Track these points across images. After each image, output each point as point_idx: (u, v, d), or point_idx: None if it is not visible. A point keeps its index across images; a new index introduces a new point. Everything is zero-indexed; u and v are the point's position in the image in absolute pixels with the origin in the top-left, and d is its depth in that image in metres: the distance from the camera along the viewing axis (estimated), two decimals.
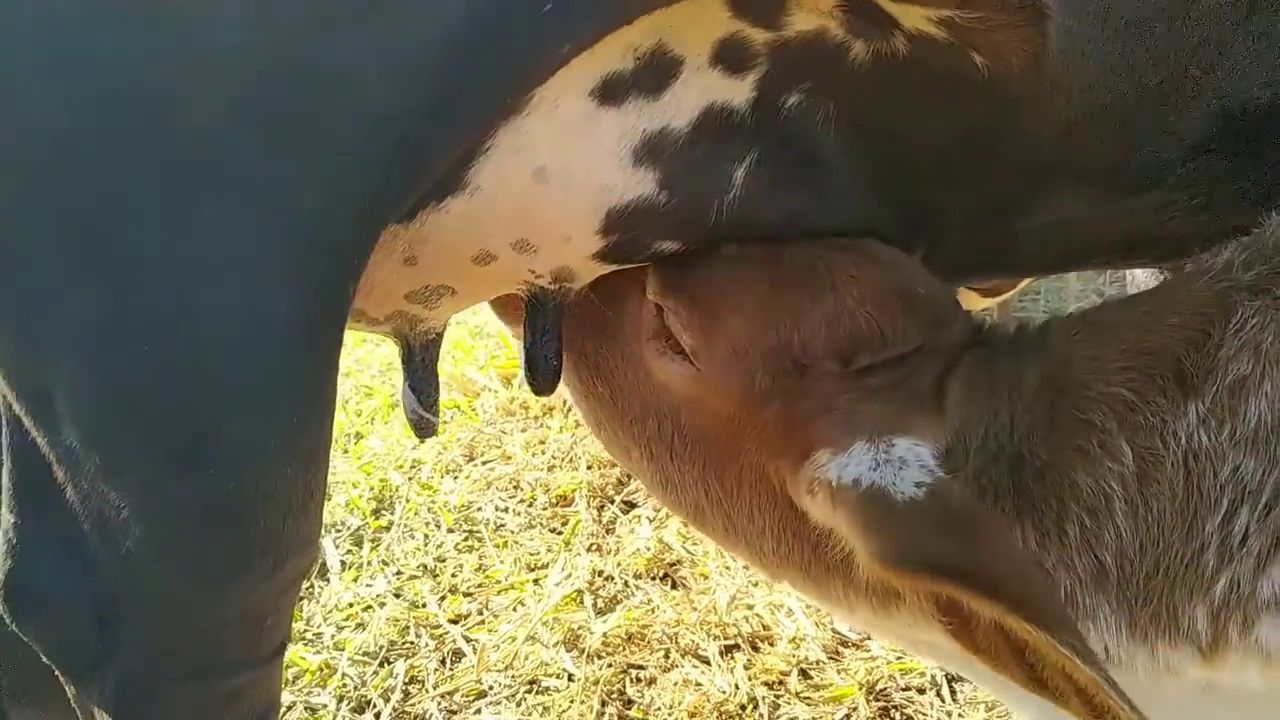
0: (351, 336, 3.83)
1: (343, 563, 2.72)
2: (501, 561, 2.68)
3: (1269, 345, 0.88)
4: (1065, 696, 0.79)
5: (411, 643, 2.44)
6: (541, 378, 1.18)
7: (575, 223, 1.03)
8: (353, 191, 0.79)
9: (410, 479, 3.05)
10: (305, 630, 2.48)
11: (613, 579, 2.58)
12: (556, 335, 1.16)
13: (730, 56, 0.95)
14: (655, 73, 0.94)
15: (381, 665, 2.38)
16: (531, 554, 2.71)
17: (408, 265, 1.03)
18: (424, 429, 1.23)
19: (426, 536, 2.81)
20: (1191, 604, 0.90)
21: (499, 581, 2.61)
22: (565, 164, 0.97)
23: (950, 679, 2.18)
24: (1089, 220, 1.12)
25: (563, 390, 1.27)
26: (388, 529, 2.84)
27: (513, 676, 2.32)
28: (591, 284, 1.16)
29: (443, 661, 2.38)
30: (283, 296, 0.78)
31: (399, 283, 1.06)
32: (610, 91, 0.94)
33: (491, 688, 2.29)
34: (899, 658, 2.23)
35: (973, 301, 1.59)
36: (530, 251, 1.05)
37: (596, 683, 2.26)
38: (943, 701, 2.13)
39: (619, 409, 1.19)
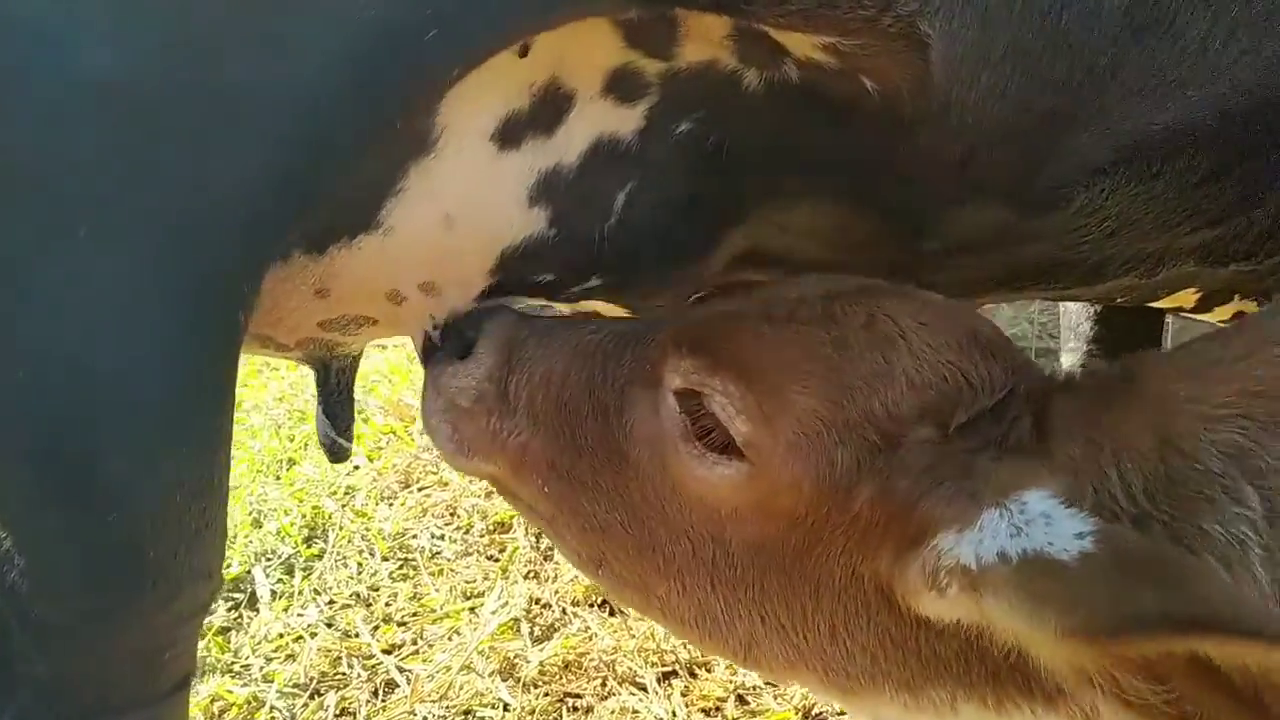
0: (285, 362, 3.76)
1: (273, 592, 2.65)
2: (437, 590, 2.64)
3: None
4: None
5: (343, 674, 2.39)
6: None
7: (474, 266, 1.04)
8: (236, 221, 0.76)
9: (344, 506, 2.99)
10: (233, 662, 2.42)
11: (550, 607, 2.56)
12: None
13: (622, 86, 0.96)
14: (550, 109, 0.95)
15: (312, 697, 2.33)
16: (468, 582, 2.67)
17: (319, 297, 1.02)
18: (338, 454, 1.20)
19: (360, 565, 2.76)
20: None
21: (434, 610, 2.57)
22: (469, 208, 0.97)
23: None
24: (999, 244, 1.14)
25: None
26: (320, 557, 2.78)
27: (447, 707, 2.27)
28: (568, 393, 1.00)
29: (375, 693, 2.33)
30: (162, 327, 0.76)
31: (311, 312, 1.05)
32: (509, 134, 0.95)
33: (426, 719, 2.25)
34: None
35: None
36: (435, 295, 1.05)
37: (532, 712, 2.23)
38: None
39: (634, 539, 0.96)
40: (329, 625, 2.54)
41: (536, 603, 2.57)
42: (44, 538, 0.77)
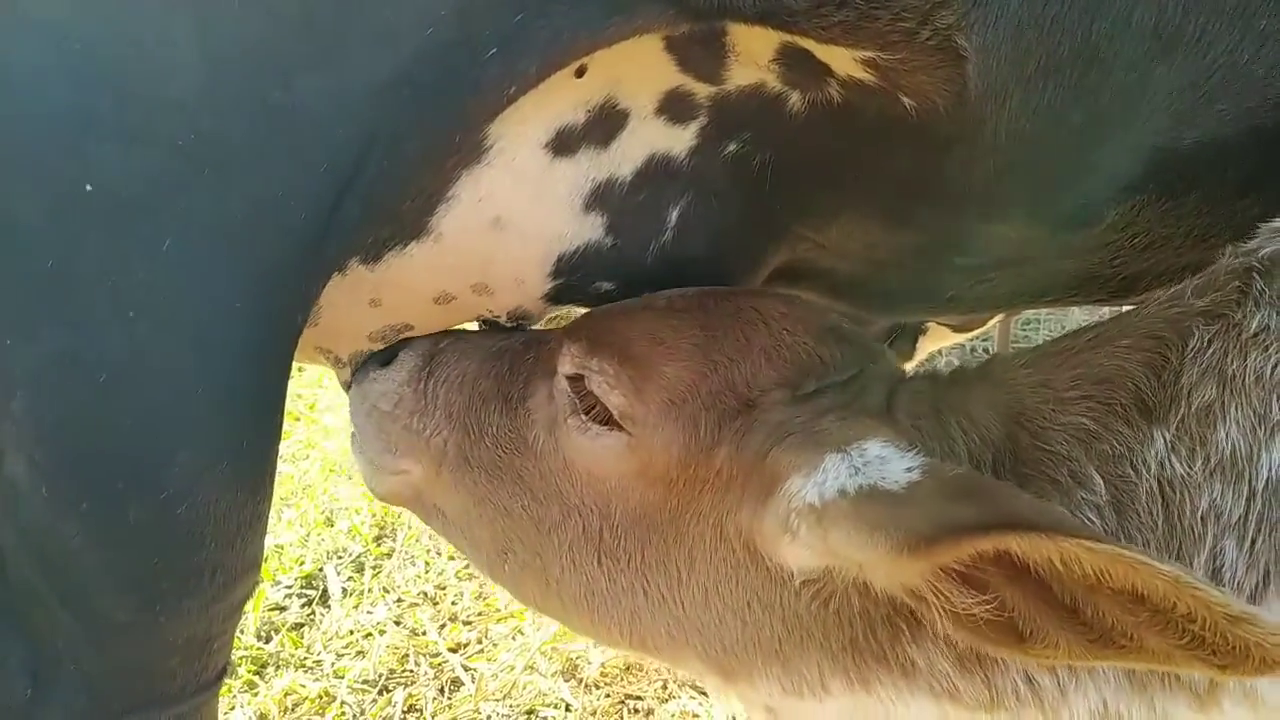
0: None
1: (344, 589, 2.73)
2: (501, 589, 2.68)
3: (1234, 370, 0.84)
4: (1135, 639, 0.71)
5: (411, 671, 2.45)
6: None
7: (528, 268, 1.06)
8: (302, 230, 0.80)
9: None
10: (305, 658, 2.49)
11: None
12: None
13: (675, 108, 0.98)
14: (605, 125, 0.97)
15: (381, 693, 2.39)
16: None
17: (373, 307, 1.06)
18: None
19: (427, 564, 2.82)
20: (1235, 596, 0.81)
21: (499, 609, 2.62)
22: (521, 213, 1.00)
23: None
24: (1031, 259, 1.12)
25: None
26: (389, 556, 2.85)
27: (511, 706, 2.31)
28: (480, 391, 1.09)
29: (441, 690, 2.39)
30: (232, 328, 0.80)
31: (364, 323, 1.09)
32: (563, 144, 0.97)
33: (490, 717, 2.29)
34: None
35: (946, 337, 1.59)
36: (487, 294, 1.08)
37: (594, 713, 2.26)
38: None
39: (533, 520, 1.05)
40: (397, 623, 2.60)
41: None
42: (117, 532, 0.81)
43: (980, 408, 0.94)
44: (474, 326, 1.22)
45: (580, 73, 0.92)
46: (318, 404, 3.68)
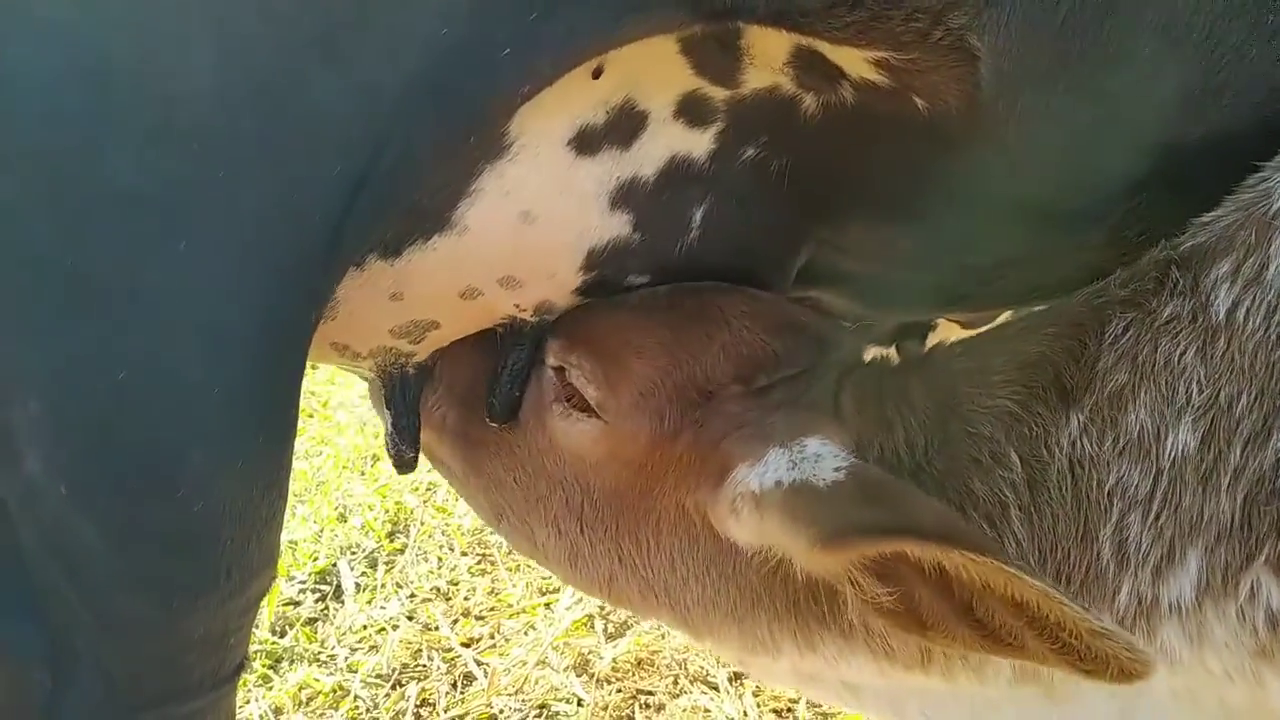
0: None
1: (357, 585, 2.74)
2: (514, 585, 2.70)
3: (1145, 356, 0.91)
4: (1020, 641, 0.79)
5: (424, 665, 2.46)
6: (503, 410, 1.18)
7: (560, 260, 1.07)
8: (316, 229, 0.81)
9: (425, 502, 3.07)
10: (320, 652, 2.51)
11: None
12: (528, 366, 1.17)
13: (692, 111, 0.99)
14: (625, 125, 0.98)
15: (394, 688, 2.40)
16: (543, 578, 2.72)
17: (394, 301, 1.06)
18: (407, 466, 1.25)
19: (440, 559, 2.83)
20: (1097, 613, 0.90)
21: (511, 605, 2.63)
22: (549, 207, 1.01)
23: None
24: (1044, 256, 1.13)
25: None
26: (402, 551, 2.87)
27: (523, 700, 2.33)
28: (479, 373, 1.16)
29: (454, 685, 2.40)
30: (246, 328, 0.81)
31: (384, 318, 1.09)
32: (585, 143, 0.98)
33: (502, 711, 2.30)
34: None
35: (954, 332, 1.60)
36: (516, 287, 1.09)
37: (606, 708, 2.27)
38: None
39: (522, 491, 1.17)
40: (410, 618, 2.62)
41: None
42: (133, 529, 0.82)
43: (919, 395, 1.02)
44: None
45: (597, 74, 0.93)
46: (330, 401, 3.70)
